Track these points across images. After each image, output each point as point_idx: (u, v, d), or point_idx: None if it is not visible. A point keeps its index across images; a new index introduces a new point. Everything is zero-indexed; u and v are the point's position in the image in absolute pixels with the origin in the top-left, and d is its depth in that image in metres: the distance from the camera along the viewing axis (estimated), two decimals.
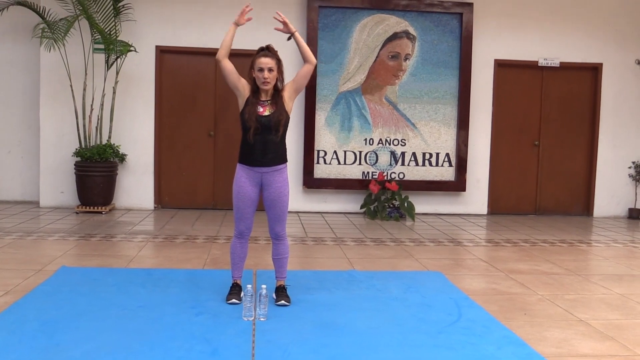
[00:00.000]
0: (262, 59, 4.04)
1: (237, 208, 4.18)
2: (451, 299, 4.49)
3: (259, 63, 4.03)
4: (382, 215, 8.38)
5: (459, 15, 8.85)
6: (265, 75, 4.03)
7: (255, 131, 4.05)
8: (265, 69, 4.02)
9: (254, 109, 4.07)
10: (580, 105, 9.39)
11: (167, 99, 8.77)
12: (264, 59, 4.03)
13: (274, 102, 4.12)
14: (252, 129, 4.05)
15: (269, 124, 4.06)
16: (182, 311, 4.02)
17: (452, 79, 8.92)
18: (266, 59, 4.03)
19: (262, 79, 4.04)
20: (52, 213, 8.09)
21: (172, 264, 5.42)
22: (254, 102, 4.10)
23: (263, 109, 4.09)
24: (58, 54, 8.05)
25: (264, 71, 4.03)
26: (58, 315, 3.87)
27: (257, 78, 4.07)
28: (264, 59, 4.03)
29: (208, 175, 8.90)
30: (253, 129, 4.05)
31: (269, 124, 4.06)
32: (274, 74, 4.06)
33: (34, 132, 8.77)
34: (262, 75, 4.03)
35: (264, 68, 4.02)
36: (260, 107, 4.09)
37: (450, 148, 8.99)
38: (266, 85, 4.06)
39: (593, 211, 9.40)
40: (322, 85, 8.74)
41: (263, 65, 4.02)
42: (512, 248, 6.66)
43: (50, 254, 5.65)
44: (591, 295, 4.78)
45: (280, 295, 4.24)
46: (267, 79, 4.03)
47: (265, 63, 4.02)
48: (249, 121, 4.06)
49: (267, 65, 4.02)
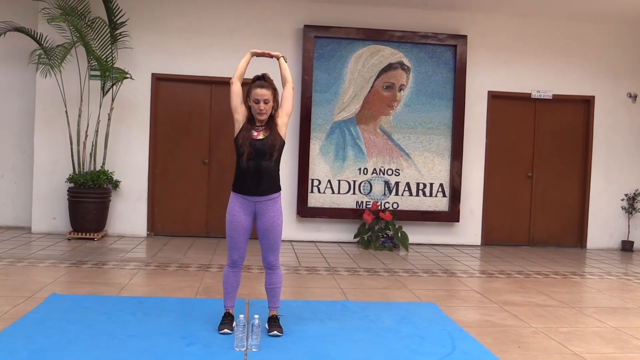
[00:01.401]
0: (258, 90, 4.04)
1: (230, 237, 4.16)
2: (445, 331, 4.46)
3: (255, 94, 4.04)
4: (376, 245, 8.36)
5: (453, 47, 8.95)
6: (261, 107, 4.04)
7: (248, 156, 4.04)
8: (262, 101, 4.04)
9: (248, 134, 4.08)
10: (573, 137, 9.46)
11: (162, 126, 8.78)
12: (259, 91, 4.03)
13: (268, 126, 4.12)
14: (245, 154, 4.04)
15: (263, 148, 4.05)
16: (173, 341, 3.97)
17: (446, 110, 8.98)
18: (262, 90, 4.03)
19: (257, 110, 4.06)
20: (43, 239, 8.03)
21: (164, 293, 5.37)
22: (248, 128, 4.11)
23: (257, 133, 4.09)
24: (54, 79, 8.07)
25: (259, 103, 4.04)
26: (47, 343, 3.82)
27: (252, 108, 4.09)
28: (259, 90, 4.04)
29: (201, 202, 8.88)
30: (247, 153, 4.04)
31: (263, 147, 4.05)
32: (270, 104, 4.07)
33: (28, 157, 8.75)
34: (258, 106, 4.05)
35: (259, 100, 4.04)
36: (255, 132, 4.09)
37: (444, 178, 9.01)
38: (261, 116, 4.08)
39: (586, 243, 9.40)
40: (317, 115, 8.78)
41: (259, 97, 4.03)
42: (506, 279, 6.63)
43: (41, 281, 5.59)
44: (585, 328, 4.76)
45: (272, 326, 4.19)
46: (263, 110, 4.05)
47: (261, 95, 4.03)
48: (242, 146, 4.05)
49: (263, 97, 4.03)
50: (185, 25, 8.67)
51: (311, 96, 8.70)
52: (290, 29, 8.76)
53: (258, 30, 8.67)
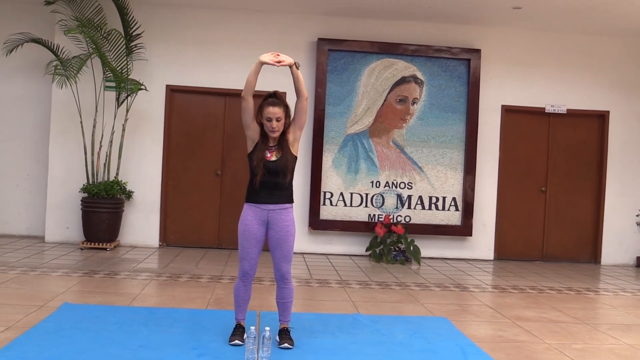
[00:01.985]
0: (269, 108, 4.06)
1: (242, 247, 4.16)
2: (457, 346, 4.42)
3: (267, 113, 4.07)
4: (388, 259, 8.33)
5: (466, 61, 8.94)
6: (274, 125, 4.08)
7: (262, 177, 4.10)
8: (274, 119, 4.07)
9: (262, 155, 4.12)
10: (587, 152, 9.40)
11: (176, 137, 8.83)
12: (271, 109, 4.06)
13: (280, 146, 4.16)
14: (259, 175, 4.10)
15: (276, 170, 4.11)
16: (183, 352, 3.97)
17: (459, 124, 8.96)
18: (274, 108, 4.06)
19: (270, 128, 4.09)
20: (56, 248, 8.07)
21: (176, 303, 5.37)
22: (262, 148, 4.15)
23: (270, 154, 4.14)
24: (69, 90, 8.15)
25: (272, 121, 4.07)
26: (59, 352, 3.83)
27: (265, 125, 4.12)
28: (271, 108, 4.06)
29: (214, 214, 8.90)
30: (260, 175, 4.09)
31: (276, 169, 4.11)
32: (282, 122, 4.10)
33: (43, 166, 8.82)
34: (270, 125, 4.08)
35: (272, 118, 4.07)
36: (268, 152, 4.14)
37: (457, 192, 8.98)
38: (274, 133, 4.12)
39: (600, 259, 9.31)
40: (330, 127, 8.79)
41: (271, 116, 4.06)
42: (519, 295, 6.58)
43: (53, 290, 5.61)
44: (600, 345, 4.70)
45: (283, 338, 4.19)
46: (275, 128, 4.09)
47: (273, 113, 4.06)
48: (257, 168, 4.11)
49: (275, 116, 4.06)
50: (199, 38, 8.74)
51: (324, 109, 8.72)
52: (304, 41, 8.80)
53: (272, 43, 8.70)
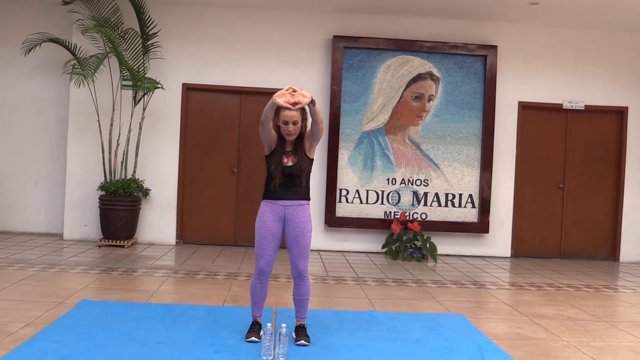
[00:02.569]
0: (286, 112, 4.07)
1: (258, 244, 4.18)
2: (474, 343, 4.40)
3: (284, 117, 4.09)
4: (404, 256, 8.31)
5: (483, 58, 8.89)
6: (290, 129, 4.11)
7: (280, 181, 4.15)
8: (290, 122, 4.09)
9: (280, 159, 4.17)
10: (606, 148, 9.31)
11: (192, 135, 8.87)
12: (288, 113, 4.07)
13: (296, 151, 4.21)
14: (277, 179, 4.15)
15: (291, 173, 4.16)
16: (201, 348, 3.99)
17: (475, 121, 8.92)
18: (291, 112, 4.06)
19: (287, 131, 4.12)
20: (75, 246, 8.14)
21: (192, 300, 5.40)
22: (280, 152, 4.19)
23: (287, 160, 4.18)
24: (87, 89, 8.21)
25: (288, 124, 4.10)
26: (77, 349, 3.86)
27: (281, 128, 4.14)
28: (288, 112, 4.07)
29: (230, 211, 8.93)
30: (278, 179, 4.15)
31: (291, 173, 4.16)
32: (299, 125, 4.13)
33: (61, 165, 8.90)
34: (287, 128, 4.11)
35: (288, 122, 4.09)
36: (285, 158, 4.18)
37: (474, 189, 8.93)
38: (290, 137, 4.15)
39: (619, 256, 9.22)
40: (346, 125, 8.78)
41: (288, 119, 4.08)
42: (536, 292, 6.53)
43: (71, 287, 5.67)
44: (618, 343, 4.66)
45: (299, 335, 4.19)
46: (292, 131, 4.12)
47: (290, 117, 4.08)
48: (275, 172, 4.16)
49: (292, 119, 4.08)
50: (215, 36, 8.76)
51: (340, 106, 8.71)
52: (319, 39, 8.79)
53: (287, 41, 8.73)
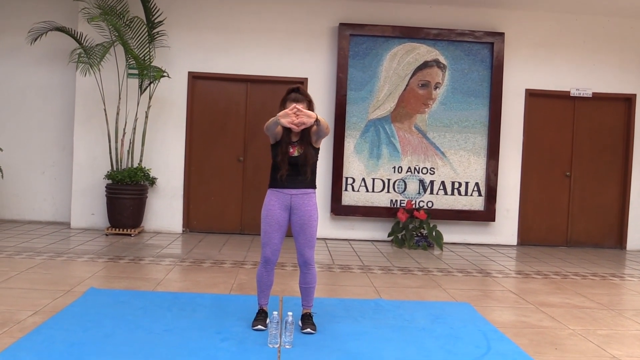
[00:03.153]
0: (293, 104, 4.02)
1: (264, 232, 4.18)
2: (480, 331, 4.41)
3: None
4: (410, 244, 8.31)
5: (490, 45, 8.83)
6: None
7: (286, 171, 4.12)
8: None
9: (285, 149, 4.13)
10: (613, 136, 9.26)
11: (198, 124, 8.87)
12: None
13: (302, 141, 4.17)
14: (283, 169, 4.12)
15: (296, 163, 4.14)
16: (207, 336, 4.01)
17: (482, 108, 8.88)
18: (297, 104, 4.02)
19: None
20: (82, 234, 8.18)
21: (199, 288, 5.42)
22: (286, 142, 4.15)
23: (293, 149, 4.16)
24: (93, 78, 8.21)
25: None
26: (85, 336, 3.89)
27: None
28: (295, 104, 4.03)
29: (236, 200, 8.94)
30: (285, 170, 4.12)
31: (297, 163, 4.14)
32: None
33: (68, 154, 8.93)
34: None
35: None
36: (291, 148, 4.16)
37: (480, 177, 8.91)
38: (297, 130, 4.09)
39: (626, 244, 9.19)
40: (352, 113, 8.75)
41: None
42: (543, 280, 6.53)
43: (79, 275, 5.70)
44: (625, 331, 4.65)
45: (306, 323, 4.21)
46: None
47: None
48: (281, 162, 4.13)
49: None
50: (221, 24, 8.74)
51: (346, 94, 8.68)
52: (325, 27, 8.75)
53: (294, 29, 8.69)
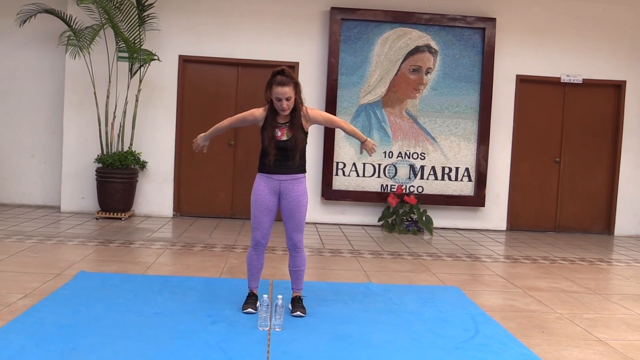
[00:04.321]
0: (278, 88, 3.96)
1: (254, 217, 4.18)
2: (468, 315, 4.45)
3: (276, 93, 3.97)
4: (400, 229, 8.34)
5: (481, 30, 8.82)
6: (284, 105, 4.00)
7: (275, 157, 4.07)
8: (283, 99, 3.98)
9: (272, 133, 4.08)
10: (603, 122, 9.29)
11: (189, 108, 8.83)
12: (280, 89, 3.95)
13: (292, 124, 4.11)
14: (271, 155, 4.07)
15: (285, 148, 4.09)
16: (197, 319, 4.02)
17: (473, 94, 8.88)
18: (283, 88, 3.95)
19: (280, 107, 4.02)
20: (72, 218, 8.16)
21: (189, 272, 5.43)
22: (273, 125, 4.10)
23: (281, 133, 4.10)
24: (83, 61, 8.15)
25: (282, 101, 3.99)
26: (75, 319, 3.89)
27: (275, 104, 4.05)
28: (280, 88, 3.95)
29: (227, 184, 8.93)
30: (272, 155, 4.07)
31: (286, 147, 4.09)
32: (292, 101, 4.03)
33: (58, 137, 8.88)
34: (280, 104, 4.01)
35: (281, 98, 3.98)
36: (279, 131, 4.10)
37: (470, 163, 8.94)
38: (284, 112, 4.06)
39: (614, 230, 9.27)
40: (343, 97, 8.74)
41: (280, 96, 3.97)
42: (531, 265, 6.58)
43: (69, 259, 5.69)
44: (611, 315, 4.71)
45: (296, 306, 4.23)
46: (285, 107, 4.02)
47: (282, 93, 3.96)
48: (268, 147, 4.08)
49: (284, 96, 3.97)
50: (212, 7, 8.67)
51: (337, 79, 8.65)
52: (317, 11, 8.69)
53: (285, 13, 8.63)
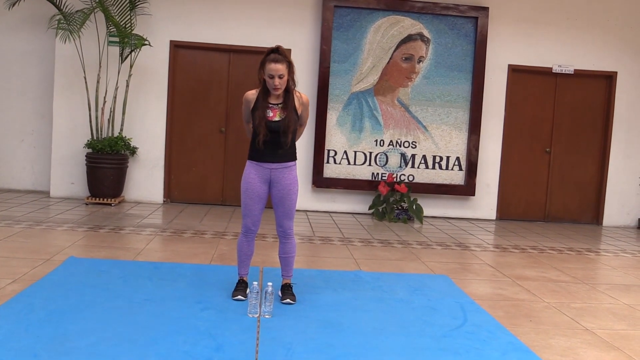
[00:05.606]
0: (272, 65, 3.95)
1: (244, 204, 4.18)
2: (457, 303, 4.48)
3: (269, 70, 3.96)
4: (390, 217, 8.37)
5: (474, 19, 8.82)
6: (276, 83, 3.98)
7: (264, 137, 4.05)
8: (276, 77, 3.97)
9: (263, 113, 4.05)
10: (593, 113, 9.33)
11: (180, 93, 8.79)
12: (274, 66, 3.94)
13: (285, 105, 4.09)
14: (261, 135, 4.04)
15: (278, 130, 4.05)
16: (187, 306, 4.03)
17: (465, 83, 8.89)
18: (277, 65, 3.94)
19: (272, 85, 4.00)
20: (62, 203, 8.13)
21: (179, 259, 5.43)
22: (263, 106, 4.07)
23: (273, 114, 4.07)
24: (73, 45, 8.09)
25: (274, 78, 3.97)
26: (65, 305, 3.89)
27: (267, 82, 4.03)
28: (274, 65, 3.94)
29: (218, 171, 8.92)
30: (262, 135, 4.04)
31: (278, 129, 4.05)
32: (285, 78, 4.01)
33: (47, 122, 8.82)
34: (272, 82, 3.98)
35: (274, 75, 3.96)
36: (270, 111, 4.07)
37: (461, 152, 8.96)
38: (277, 91, 4.04)
39: (602, 220, 9.34)
40: (335, 85, 8.73)
41: (273, 73, 3.95)
42: (520, 254, 6.63)
43: (58, 244, 5.68)
44: (598, 305, 4.75)
45: (285, 294, 4.24)
46: (278, 85, 4.00)
47: (275, 70, 3.95)
48: (258, 127, 4.04)
49: (277, 73, 3.95)
50: None
51: (329, 66, 8.64)
52: None
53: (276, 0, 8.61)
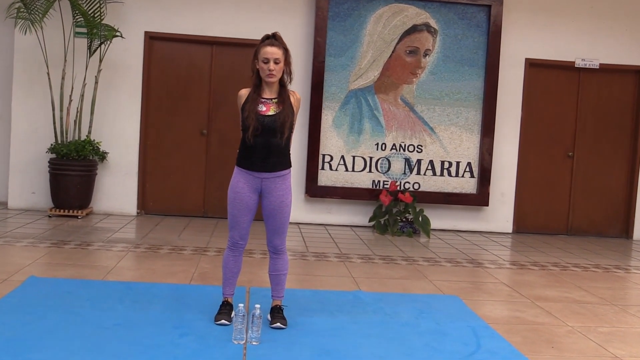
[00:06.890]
0: (267, 48, 4.00)
1: (231, 216, 4.17)
2: (469, 327, 4.47)
3: (264, 53, 4.00)
4: (394, 230, 8.37)
5: (487, 8, 8.86)
6: (271, 67, 4.00)
7: (254, 131, 4.02)
8: (271, 60, 3.99)
9: (254, 106, 4.05)
10: (621, 112, 9.38)
11: (156, 91, 8.79)
12: (269, 49, 4.00)
13: (280, 100, 4.11)
14: (251, 127, 4.02)
15: (272, 126, 4.04)
16: (164, 331, 4.01)
17: (477, 79, 8.92)
18: (272, 48, 4.00)
19: (267, 71, 4.01)
20: (21, 216, 8.10)
21: (155, 278, 5.41)
22: (255, 99, 4.08)
23: (266, 108, 4.07)
24: (35, 37, 8.08)
25: (269, 62, 3.99)
26: (24, 331, 3.86)
27: (261, 70, 4.05)
28: (269, 48, 4.00)
29: (199, 178, 8.91)
30: (252, 128, 4.01)
31: (273, 125, 4.04)
32: (281, 65, 4.03)
33: (5, 124, 8.80)
34: (267, 66, 4.00)
35: (269, 59, 3.99)
36: (263, 106, 4.07)
37: (473, 157, 8.98)
38: (271, 77, 4.04)
39: (633, 233, 9.36)
40: (330, 82, 8.74)
41: (269, 56, 3.99)
42: (540, 272, 6.63)
43: (17, 262, 5.64)
44: (628, 329, 4.76)
45: (275, 317, 4.22)
46: (273, 71, 4.01)
47: (271, 53, 3.99)
48: (248, 119, 4.03)
49: (273, 56, 3.99)
50: None
51: (324, 61, 8.65)
52: None
53: None
